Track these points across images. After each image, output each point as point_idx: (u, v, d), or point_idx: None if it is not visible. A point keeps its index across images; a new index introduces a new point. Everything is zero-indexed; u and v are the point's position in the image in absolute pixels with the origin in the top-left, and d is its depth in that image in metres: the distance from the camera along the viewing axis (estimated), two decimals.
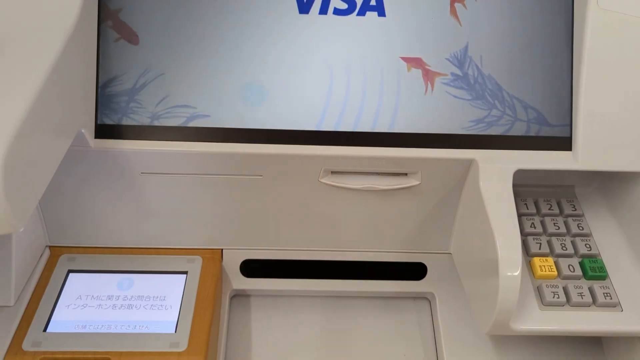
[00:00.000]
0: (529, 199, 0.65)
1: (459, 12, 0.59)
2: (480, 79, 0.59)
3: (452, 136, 0.58)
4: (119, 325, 0.59)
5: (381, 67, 0.58)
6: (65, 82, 0.49)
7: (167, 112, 0.57)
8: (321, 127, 0.58)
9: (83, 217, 0.64)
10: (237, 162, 0.58)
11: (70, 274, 0.64)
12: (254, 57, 0.58)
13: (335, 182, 0.60)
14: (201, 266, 0.66)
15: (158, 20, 0.57)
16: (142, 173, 0.59)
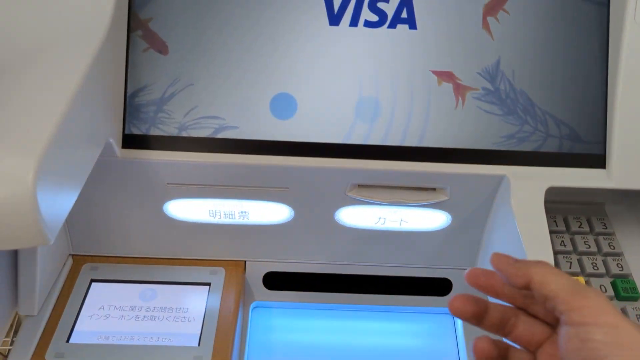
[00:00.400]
0: (558, 216, 0.64)
1: (492, 26, 0.58)
2: (512, 94, 0.58)
3: (482, 152, 0.57)
4: (141, 337, 0.58)
5: (411, 80, 0.57)
6: (95, 92, 0.49)
7: (196, 123, 0.57)
8: (349, 140, 0.57)
9: (107, 226, 0.64)
10: (264, 174, 0.58)
11: (93, 283, 0.64)
12: (283, 69, 0.57)
13: (362, 195, 0.59)
14: (224, 278, 0.65)
15: (188, 31, 0.57)
16: (168, 184, 0.59)
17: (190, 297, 0.63)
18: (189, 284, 0.64)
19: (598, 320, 0.32)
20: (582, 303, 0.33)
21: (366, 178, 0.58)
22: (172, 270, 0.66)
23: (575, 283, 0.35)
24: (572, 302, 0.33)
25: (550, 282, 0.35)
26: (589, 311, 0.33)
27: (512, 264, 0.38)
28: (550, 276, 0.35)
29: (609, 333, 0.32)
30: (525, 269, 0.36)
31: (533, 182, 0.56)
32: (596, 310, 0.33)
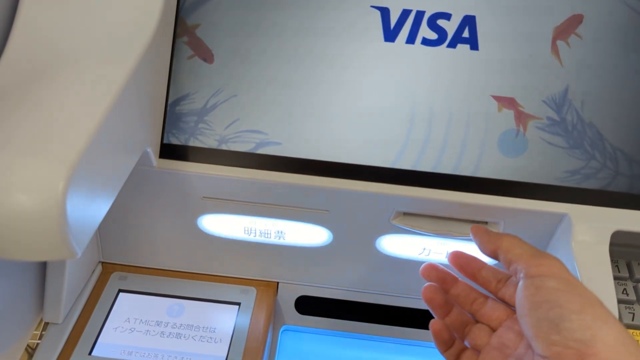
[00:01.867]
0: (621, 261, 0.58)
1: (561, 50, 0.54)
2: (579, 126, 0.53)
3: (543, 186, 0.53)
4: (165, 355, 0.56)
5: (469, 104, 0.53)
6: (136, 99, 0.47)
7: (237, 136, 0.54)
8: (398, 165, 0.53)
9: (138, 236, 0.61)
10: (305, 194, 0.54)
11: (121, 293, 0.62)
12: (333, 85, 0.54)
13: (408, 225, 0.55)
14: (255, 298, 0.62)
15: (235, 40, 0.54)
16: (204, 197, 0.56)
17: (218, 316, 0.60)
18: (218, 302, 0.62)
19: (553, 273, 0.37)
20: (540, 262, 0.38)
21: (413, 206, 0.54)
22: (202, 286, 0.63)
23: (537, 250, 0.41)
24: (531, 261, 0.39)
25: (515, 247, 0.41)
26: (546, 267, 0.38)
27: (486, 233, 0.45)
28: (516, 244, 0.42)
29: (561, 282, 0.36)
30: (496, 239, 0.44)
31: (598, 224, 0.51)
32: (552, 267, 0.38)
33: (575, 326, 0.35)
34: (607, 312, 0.36)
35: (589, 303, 0.36)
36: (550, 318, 0.36)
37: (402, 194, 0.53)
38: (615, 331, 0.35)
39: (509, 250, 0.42)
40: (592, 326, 0.35)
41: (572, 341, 0.35)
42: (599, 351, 0.34)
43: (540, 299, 0.36)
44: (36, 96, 0.41)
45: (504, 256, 0.42)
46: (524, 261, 0.39)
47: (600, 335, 0.34)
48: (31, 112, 0.40)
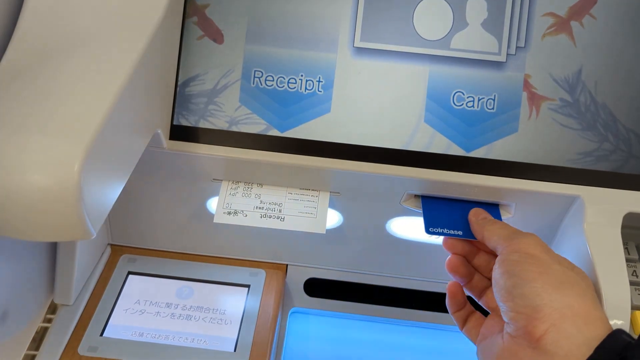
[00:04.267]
0: (631, 243, 0.58)
1: (575, 31, 0.53)
2: (592, 108, 0.53)
3: (555, 168, 0.52)
4: (176, 336, 0.56)
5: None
6: (147, 80, 0.47)
7: (247, 118, 0.54)
8: (409, 147, 0.53)
9: (148, 218, 0.61)
10: (316, 176, 0.54)
11: (130, 275, 0.62)
12: (344, 67, 0.53)
13: (418, 207, 0.55)
14: (264, 280, 0.62)
15: (245, 20, 0.53)
16: (214, 179, 0.56)
17: (228, 298, 0.60)
18: (228, 284, 0.62)
19: (519, 249, 0.40)
20: (514, 242, 0.41)
21: (424, 188, 0.54)
22: (211, 268, 0.63)
23: (513, 232, 0.44)
24: (506, 242, 0.42)
25: (495, 233, 0.45)
26: (517, 245, 0.41)
27: (478, 220, 0.49)
28: (496, 230, 0.45)
29: (522, 256, 0.39)
30: (482, 227, 0.47)
31: (610, 206, 0.51)
32: (522, 245, 0.40)
33: (525, 292, 0.37)
34: (563, 280, 0.38)
35: (543, 272, 0.38)
36: (507, 287, 0.39)
37: (414, 176, 0.53)
38: (566, 297, 0.37)
39: (490, 236, 0.45)
40: (541, 293, 0.37)
41: (523, 307, 0.37)
42: (545, 315, 0.36)
43: (503, 270, 0.40)
44: (48, 77, 0.41)
45: (488, 243, 0.45)
46: (500, 243, 0.43)
47: (549, 300, 0.37)
48: (44, 94, 0.40)
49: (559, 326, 0.36)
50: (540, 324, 0.36)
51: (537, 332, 0.36)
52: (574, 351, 0.35)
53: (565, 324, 0.36)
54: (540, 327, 0.36)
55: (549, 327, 0.36)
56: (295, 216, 0.54)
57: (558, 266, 0.39)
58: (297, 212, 0.55)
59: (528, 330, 0.37)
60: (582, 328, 0.36)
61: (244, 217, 0.55)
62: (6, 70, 0.42)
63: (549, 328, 0.36)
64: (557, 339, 0.36)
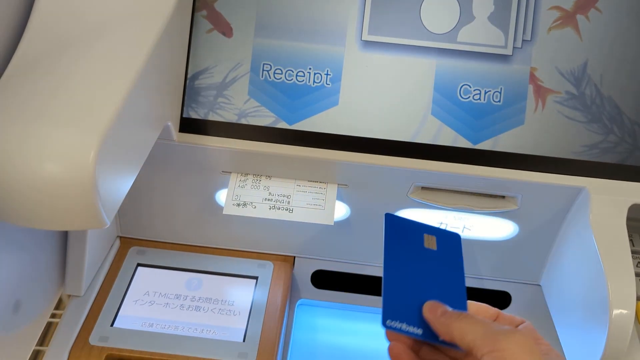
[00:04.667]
0: (635, 235, 0.59)
1: (581, 25, 0.54)
2: (598, 101, 0.53)
3: (561, 160, 0.53)
4: (185, 327, 0.57)
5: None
6: (158, 72, 0.47)
7: (256, 111, 0.54)
8: (417, 139, 0.54)
9: (157, 210, 0.62)
10: (324, 168, 0.55)
11: (139, 267, 0.62)
12: (353, 60, 0.54)
13: (425, 199, 0.56)
14: (272, 272, 0.63)
15: (254, 13, 0.54)
16: (223, 172, 0.57)
17: (236, 290, 0.61)
18: (236, 276, 0.62)
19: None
20: (496, 346, 0.35)
21: (431, 180, 0.55)
22: (219, 260, 0.64)
23: (489, 329, 0.36)
24: (487, 346, 0.35)
25: (467, 333, 0.37)
26: (502, 354, 0.34)
27: (438, 318, 0.39)
28: (467, 327, 0.37)
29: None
30: (447, 325, 0.38)
31: (615, 198, 0.52)
32: (507, 354, 0.34)
33: None
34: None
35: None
36: None
37: (422, 168, 0.53)
38: None
39: (462, 337, 0.38)
40: None
41: None
42: None
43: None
44: (62, 69, 0.42)
45: (461, 345, 0.38)
46: (478, 345, 0.36)
47: None
48: (59, 85, 0.40)
49: None
50: None
51: None
52: None
53: None
54: None
55: None
56: (303, 208, 0.55)
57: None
58: (305, 204, 0.55)
59: None
60: None
61: (253, 208, 0.55)
62: (20, 62, 0.42)
63: None
64: None
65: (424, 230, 0.45)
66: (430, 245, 0.44)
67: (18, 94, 0.40)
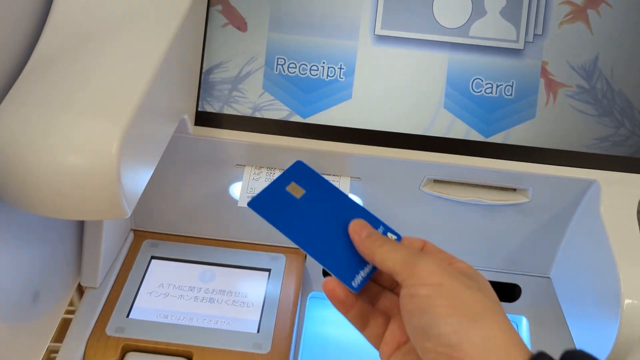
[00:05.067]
0: None
1: (592, 19, 0.54)
2: (609, 94, 0.54)
3: (571, 153, 0.54)
4: (200, 318, 0.57)
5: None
6: (176, 66, 0.48)
7: (270, 104, 0.55)
8: (429, 132, 0.54)
9: (170, 203, 0.63)
10: (337, 161, 0.55)
11: (153, 260, 0.63)
12: (366, 54, 0.54)
13: (438, 191, 0.56)
14: (284, 265, 0.63)
15: (268, 8, 0.55)
16: (237, 165, 0.57)
17: (249, 282, 0.62)
18: (249, 268, 0.63)
19: (425, 281, 0.37)
20: (413, 271, 0.37)
21: (443, 173, 0.55)
22: (232, 253, 0.64)
23: (408, 256, 0.39)
24: (405, 271, 0.38)
25: (388, 259, 0.39)
26: (418, 276, 0.37)
27: (363, 241, 0.41)
28: (388, 254, 0.39)
29: (431, 289, 0.36)
30: (370, 250, 0.40)
31: (626, 190, 0.53)
32: (424, 274, 0.37)
33: (442, 331, 0.35)
34: (478, 310, 0.36)
35: (457, 305, 0.36)
36: (421, 326, 0.36)
37: (434, 161, 0.54)
38: (484, 329, 0.35)
39: (383, 262, 0.39)
40: (458, 329, 0.35)
41: (442, 346, 0.35)
42: (467, 352, 0.34)
43: (412, 308, 0.37)
44: (84, 61, 0.42)
45: (381, 267, 0.40)
46: (399, 273, 0.38)
47: (467, 337, 0.35)
48: (81, 77, 0.41)
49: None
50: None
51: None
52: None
53: (487, 358, 0.34)
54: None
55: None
56: None
57: (468, 292, 0.37)
58: None
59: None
60: (503, 359, 0.34)
61: None
62: (42, 55, 0.43)
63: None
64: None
65: (281, 184, 0.44)
66: (297, 192, 0.44)
67: (41, 85, 0.41)
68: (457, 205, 0.58)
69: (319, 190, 0.44)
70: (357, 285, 0.40)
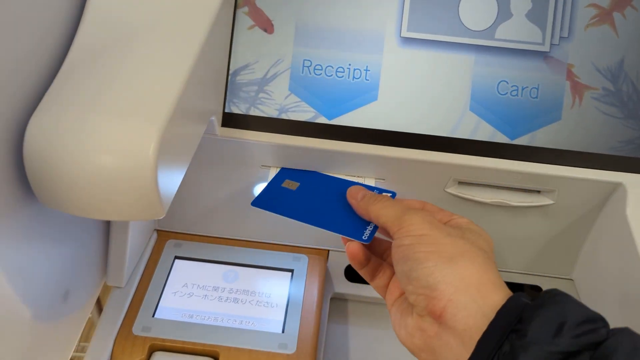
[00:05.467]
0: None
1: (617, 22, 0.54)
2: (635, 97, 0.54)
3: (597, 156, 0.54)
4: (225, 318, 0.58)
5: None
6: (206, 68, 0.48)
7: (296, 106, 0.55)
8: (455, 134, 0.55)
9: (194, 203, 0.63)
10: (363, 163, 0.56)
11: (177, 260, 0.63)
12: (391, 55, 0.55)
13: (462, 193, 0.57)
14: (307, 265, 0.64)
15: (295, 10, 0.55)
16: (262, 166, 0.58)
17: (272, 283, 0.62)
18: (272, 268, 0.63)
19: (409, 232, 0.40)
20: (402, 224, 0.41)
21: (469, 175, 0.56)
22: (254, 253, 0.65)
23: (398, 211, 0.42)
24: (395, 225, 0.42)
25: (381, 215, 0.44)
26: (405, 228, 0.41)
27: (359, 202, 0.47)
28: (382, 210, 0.44)
29: (413, 238, 0.40)
30: (365, 209, 0.46)
31: None
32: (412, 227, 0.41)
33: (420, 274, 0.38)
34: (455, 253, 0.38)
35: (435, 250, 0.39)
36: (405, 271, 0.39)
37: (460, 163, 0.54)
38: (458, 269, 0.37)
39: (378, 218, 0.44)
40: (434, 271, 0.38)
41: (421, 288, 0.38)
42: (442, 291, 0.37)
43: (398, 256, 0.40)
44: (120, 62, 0.43)
45: (377, 223, 0.45)
46: (389, 226, 0.42)
47: (442, 277, 0.37)
48: (116, 78, 0.41)
49: (455, 300, 0.36)
50: (438, 302, 0.37)
51: (437, 309, 0.37)
52: (470, 322, 0.35)
53: (460, 297, 0.36)
54: (438, 305, 0.37)
55: (446, 303, 0.36)
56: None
57: (448, 239, 0.39)
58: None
59: (429, 309, 0.37)
60: (476, 297, 0.36)
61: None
62: (77, 56, 0.43)
63: (446, 304, 0.36)
64: (454, 312, 0.36)
65: (276, 183, 0.51)
66: (292, 186, 0.52)
67: (78, 87, 0.41)
68: (481, 207, 0.58)
69: (311, 179, 0.51)
70: (367, 237, 0.46)
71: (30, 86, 0.41)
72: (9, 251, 0.40)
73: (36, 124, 0.39)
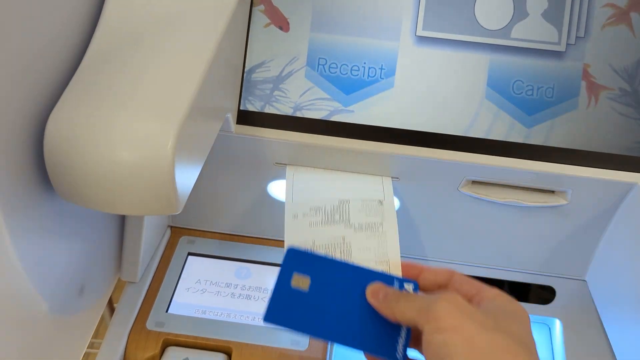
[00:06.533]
0: None
1: (634, 21, 0.54)
2: None
3: (612, 156, 0.54)
4: (238, 314, 0.58)
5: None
6: (222, 66, 0.48)
7: (311, 104, 0.55)
8: (469, 133, 0.55)
9: (208, 201, 0.63)
10: (376, 161, 0.56)
11: (190, 256, 0.64)
12: (407, 53, 0.55)
13: (476, 192, 0.57)
14: None
15: (310, 8, 0.55)
16: (276, 163, 0.58)
17: None
18: None
19: (439, 326, 0.37)
20: (427, 317, 0.38)
21: (483, 174, 0.55)
22: (266, 250, 0.65)
23: (422, 302, 0.39)
24: (421, 318, 0.38)
25: (406, 312, 0.39)
26: (434, 321, 0.37)
27: (381, 303, 0.41)
28: (405, 306, 0.40)
29: (446, 335, 0.37)
30: (390, 309, 0.40)
31: None
32: (442, 320, 0.37)
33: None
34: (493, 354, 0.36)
35: (470, 353, 0.36)
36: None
37: (474, 162, 0.54)
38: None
39: (404, 317, 0.40)
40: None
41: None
42: None
43: (430, 355, 0.37)
44: (136, 61, 0.43)
45: (405, 323, 0.40)
46: (416, 321, 0.38)
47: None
48: (134, 76, 0.42)
49: None
50: None
51: None
52: None
53: None
54: None
55: None
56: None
57: (483, 335, 0.36)
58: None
59: None
60: None
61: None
62: (94, 55, 0.44)
63: None
64: None
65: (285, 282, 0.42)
66: (303, 283, 0.42)
67: (96, 84, 0.41)
68: (495, 207, 0.58)
69: (323, 270, 0.42)
70: (402, 355, 0.40)
71: (49, 82, 0.41)
72: (28, 245, 0.41)
73: (56, 119, 0.39)
